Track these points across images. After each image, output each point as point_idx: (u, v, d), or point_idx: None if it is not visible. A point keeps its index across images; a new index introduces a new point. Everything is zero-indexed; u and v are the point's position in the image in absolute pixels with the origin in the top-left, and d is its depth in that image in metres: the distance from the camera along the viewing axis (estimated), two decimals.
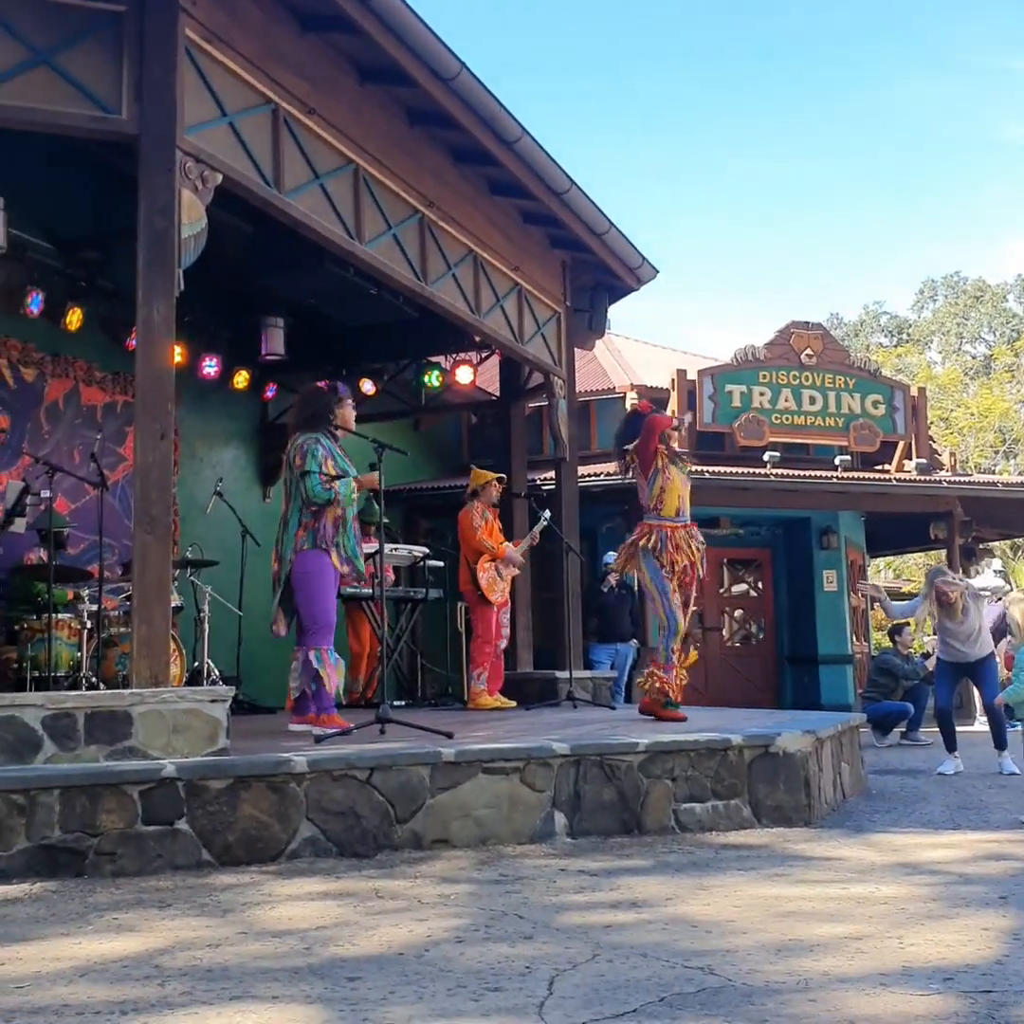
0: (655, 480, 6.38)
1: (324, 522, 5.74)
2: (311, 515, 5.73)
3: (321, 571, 5.74)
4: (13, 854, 3.82)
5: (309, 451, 5.68)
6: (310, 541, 5.73)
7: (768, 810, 4.90)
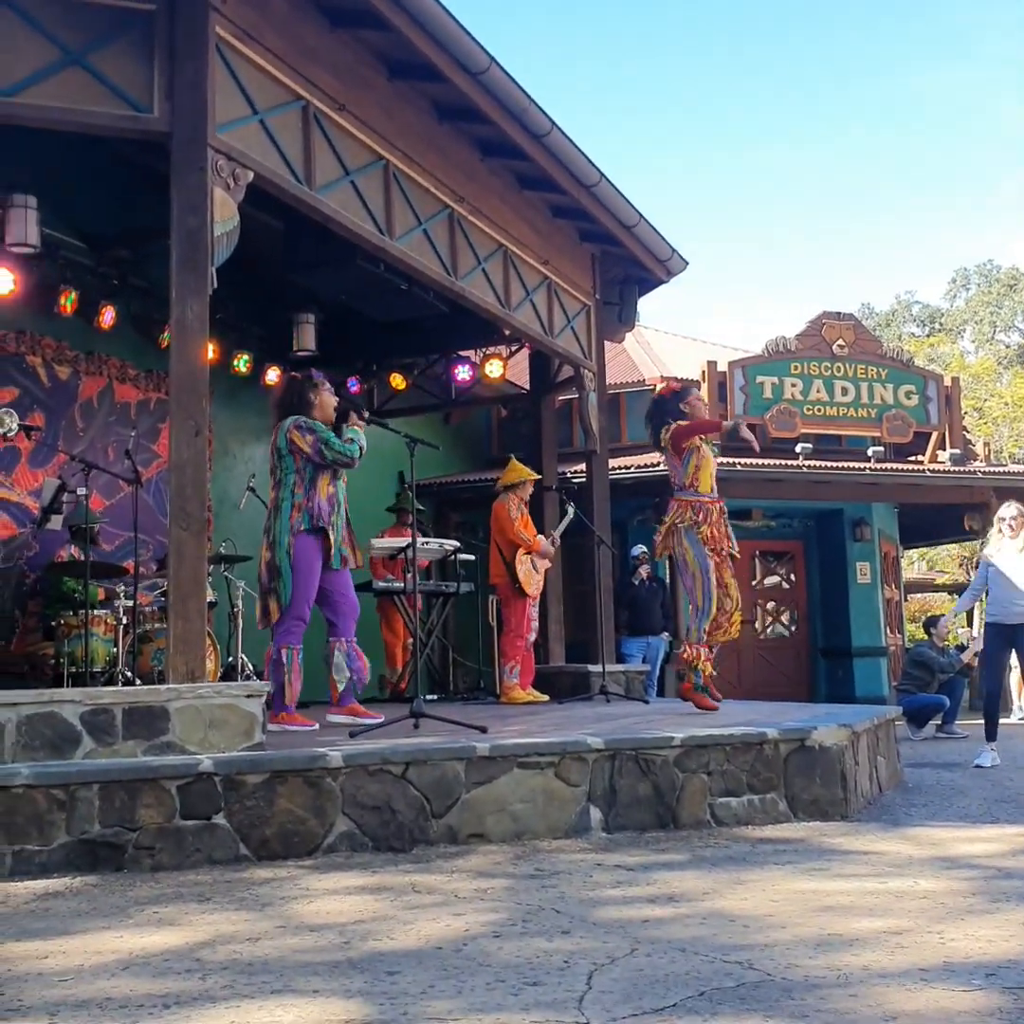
0: (690, 458, 6.36)
1: (318, 500, 5.80)
2: (303, 494, 5.79)
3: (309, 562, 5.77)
4: (54, 848, 3.86)
5: (310, 426, 5.78)
6: (306, 521, 5.78)
7: (804, 804, 4.87)
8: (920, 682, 10.65)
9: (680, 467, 6.39)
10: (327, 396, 5.97)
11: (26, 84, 4.78)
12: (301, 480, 5.82)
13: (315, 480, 5.84)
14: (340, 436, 5.81)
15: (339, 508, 5.90)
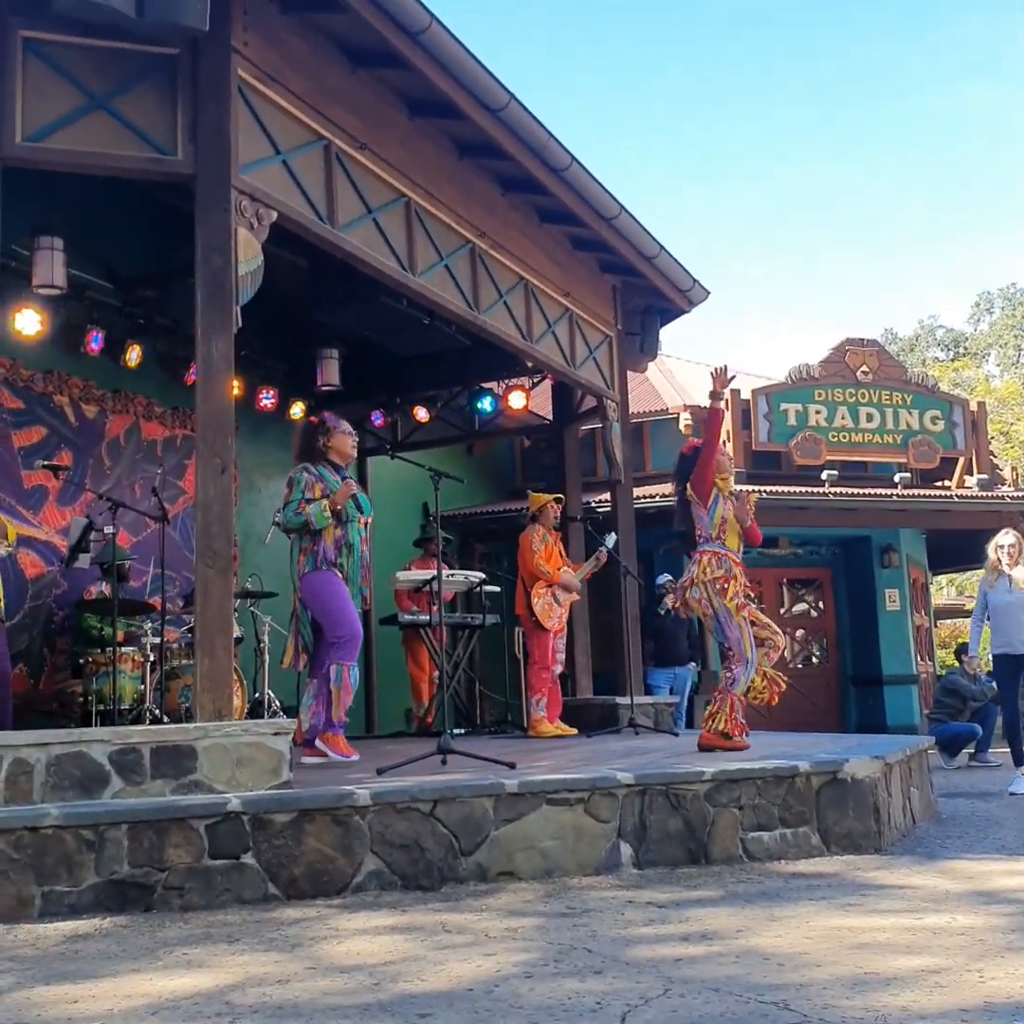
0: (716, 507, 6.20)
1: (323, 544, 5.89)
2: (310, 539, 5.90)
3: (328, 584, 5.84)
4: (83, 889, 3.85)
5: (294, 480, 5.93)
6: (310, 564, 5.88)
7: (837, 837, 4.81)
8: (952, 710, 10.53)
9: (706, 517, 6.20)
10: (340, 438, 6.06)
11: (53, 129, 4.86)
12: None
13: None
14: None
15: (350, 550, 5.95)
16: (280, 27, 5.51)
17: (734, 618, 6.06)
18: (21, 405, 7.85)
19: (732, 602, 6.04)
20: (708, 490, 6.21)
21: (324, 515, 5.83)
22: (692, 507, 6.29)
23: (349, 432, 6.14)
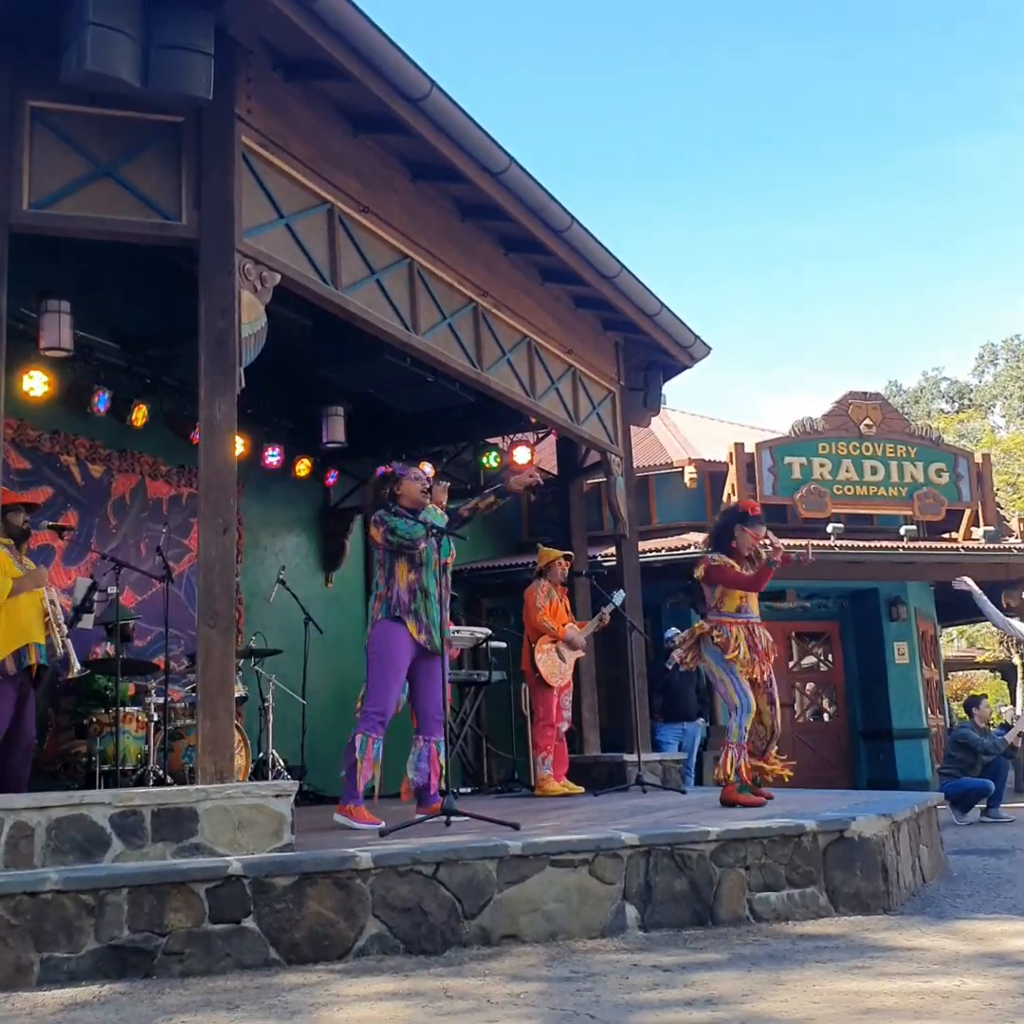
0: (716, 589, 6.44)
1: (396, 590, 5.84)
2: (384, 584, 5.85)
3: (389, 650, 5.76)
4: (83, 955, 3.82)
5: (382, 517, 5.86)
6: (384, 610, 5.83)
7: (845, 897, 4.75)
8: (963, 765, 10.42)
9: (708, 592, 6.49)
10: (408, 484, 5.98)
11: (60, 196, 4.94)
12: (382, 571, 5.92)
13: (393, 569, 5.88)
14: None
15: (426, 594, 5.86)
16: (283, 94, 5.61)
17: (715, 675, 6.35)
18: (28, 465, 7.91)
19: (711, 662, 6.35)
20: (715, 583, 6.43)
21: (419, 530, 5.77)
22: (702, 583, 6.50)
23: (417, 478, 6.06)
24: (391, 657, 5.77)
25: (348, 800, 5.66)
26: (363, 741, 5.64)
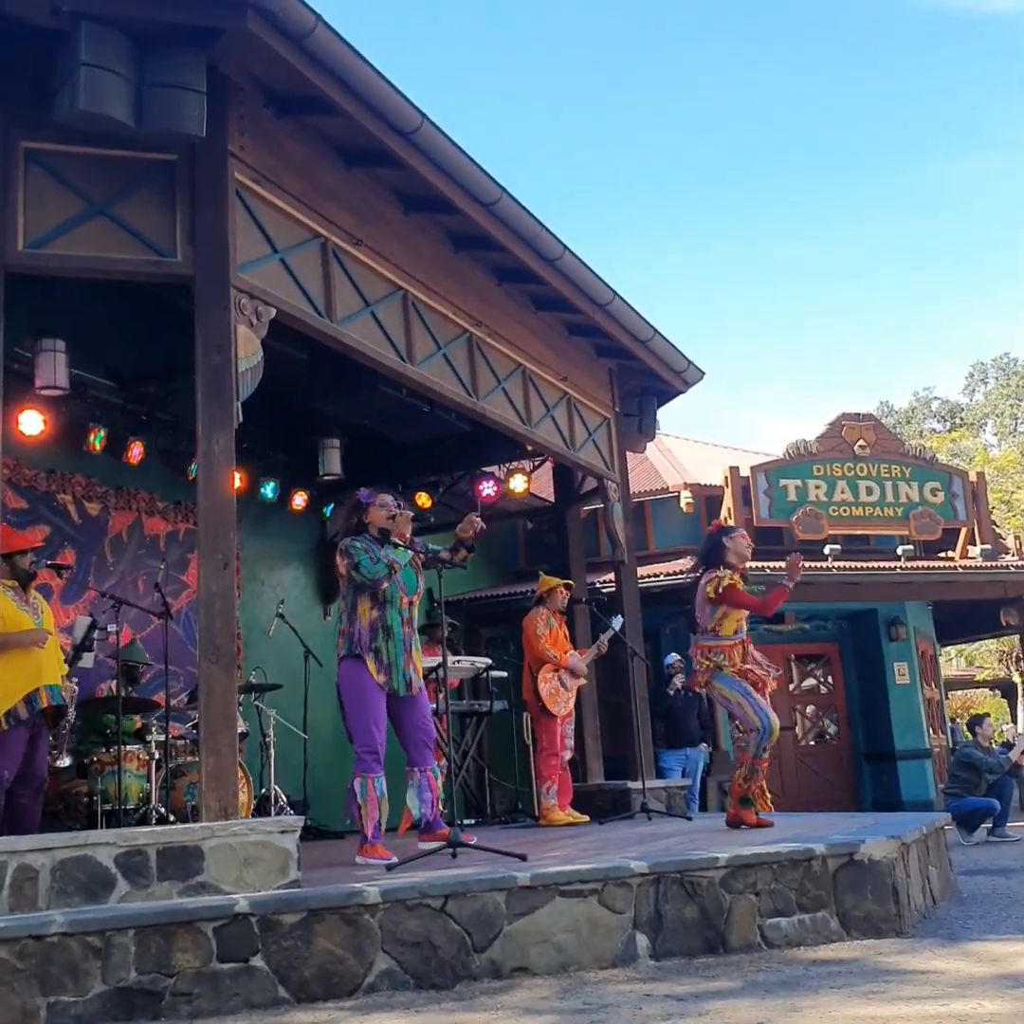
0: (718, 608, 6.36)
1: (358, 627, 5.72)
2: (347, 620, 5.77)
3: (359, 686, 5.65)
4: (90, 999, 3.77)
5: (348, 547, 5.73)
6: (346, 647, 5.74)
7: (857, 921, 4.71)
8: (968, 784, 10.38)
9: (708, 613, 6.38)
10: (374, 511, 5.85)
11: (54, 235, 4.96)
12: (346, 606, 5.83)
13: (355, 605, 5.77)
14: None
15: (388, 633, 5.73)
16: (275, 130, 5.65)
17: (731, 699, 6.25)
18: (25, 505, 7.89)
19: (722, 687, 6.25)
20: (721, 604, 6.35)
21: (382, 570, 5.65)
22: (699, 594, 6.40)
23: (383, 504, 5.89)
24: (362, 694, 5.65)
25: (363, 843, 5.59)
26: (362, 784, 5.55)
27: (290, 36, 4.98)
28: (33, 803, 5.77)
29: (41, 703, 5.69)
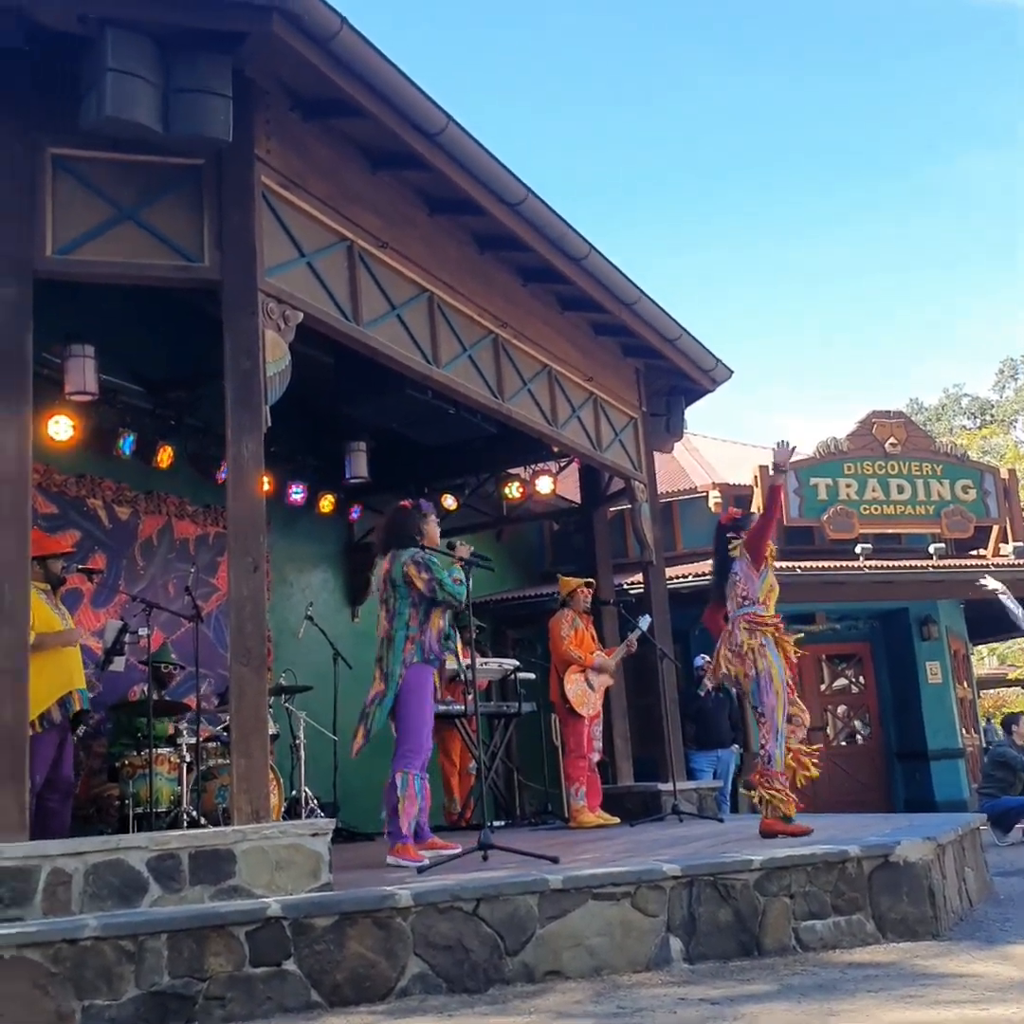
0: (767, 575, 6.22)
1: (429, 635, 5.87)
2: (417, 628, 5.85)
3: (425, 689, 5.83)
4: (123, 1003, 3.78)
5: (428, 562, 5.84)
6: (419, 654, 5.83)
7: (893, 924, 4.67)
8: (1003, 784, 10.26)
9: (757, 580, 6.17)
10: (433, 526, 6.10)
11: (82, 241, 4.97)
12: (416, 613, 5.88)
13: (429, 614, 5.90)
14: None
15: (446, 642, 5.99)
16: (302, 134, 5.65)
17: (774, 683, 6.02)
18: (55, 510, 7.93)
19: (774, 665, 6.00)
20: (763, 556, 6.21)
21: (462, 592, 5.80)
22: (742, 566, 6.23)
23: (438, 522, 6.21)
24: (427, 700, 5.84)
25: (396, 840, 5.61)
26: (403, 779, 5.64)
27: (315, 39, 4.98)
28: (62, 807, 5.80)
29: (74, 706, 5.72)
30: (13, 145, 4.89)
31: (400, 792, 5.61)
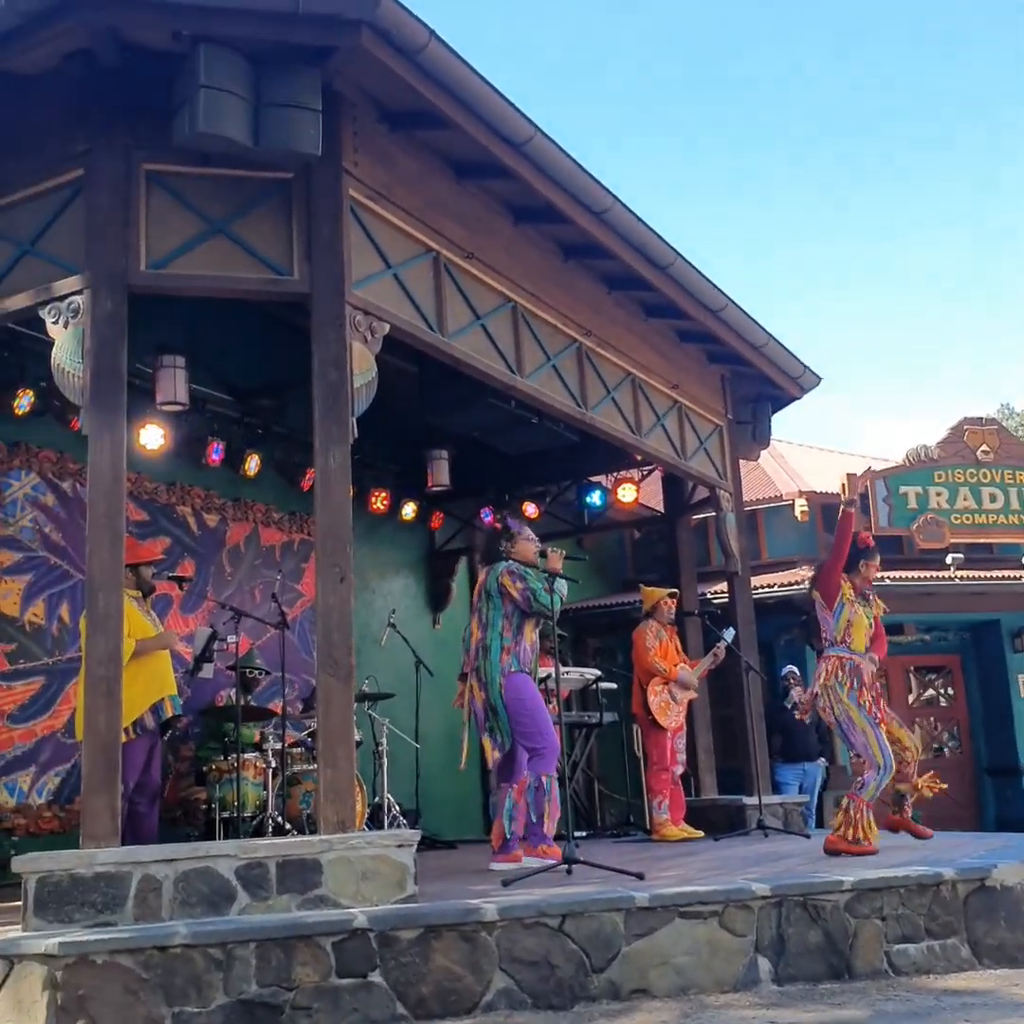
0: (842, 611, 6.16)
1: (524, 646, 6.00)
2: (511, 638, 5.97)
3: (534, 695, 5.97)
4: (212, 1010, 3.81)
5: (521, 573, 5.97)
6: (515, 664, 5.95)
7: (989, 950, 4.54)
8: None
9: (831, 620, 6.18)
10: (523, 544, 6.19)
11: (175, 255, 5.04)
12: (509, 624, 6.02)
13: (522, 626, 6.04)
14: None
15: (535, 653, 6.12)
16: (388, 145, 5.68)
17: (856, 724, 6.00)
18: (146, 517, 8.09)
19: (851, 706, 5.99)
20: (834, 593, 6.16)
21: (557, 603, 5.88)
22: (818, 609, 6.23)
23: (532, 539, 6.27)
24: (539, 702, 5.96)
25: (539, 842, 5.75)
26: (548, 782, 5.76)
27: (404, 52, 4.99)
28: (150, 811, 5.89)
29: (166, 713, 5.81)
30: (108, 161, 4.98)
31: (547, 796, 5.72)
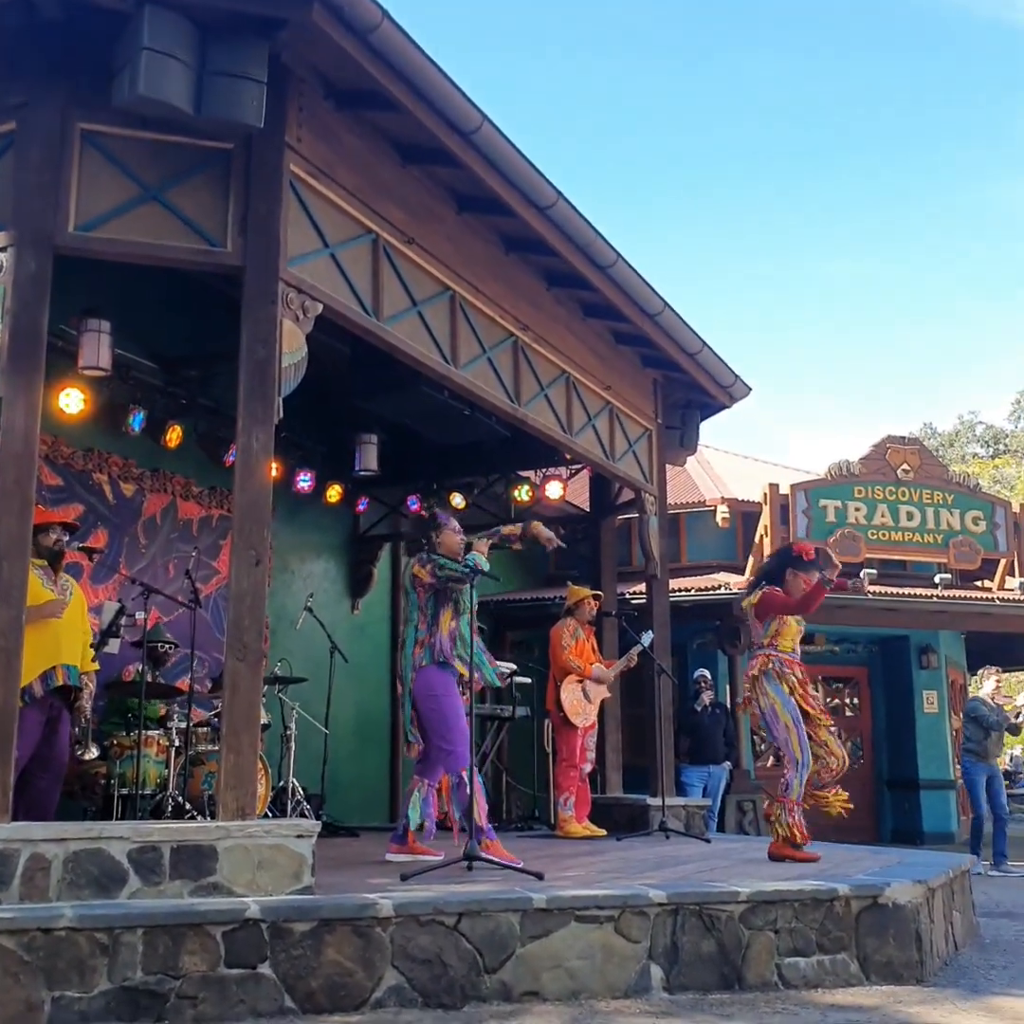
0: (771, 623, 6.28)
1: (439, 637, 5.88)
2: (426, 631, 5.89)
3: (447, 691, 5.85)
4: (95, 996, 3.72)
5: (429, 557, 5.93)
6: (428, 657, 5.86)
7: (877, 966, 4.61)
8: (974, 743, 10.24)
9: (761, 629, 6.34)
10: (449, 535, 6.11)
11: (105, 219, 4.89)
12: (424, 616, 5.96)
13: (437, 616, 5.95)
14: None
15: (464, 642, 5.96)
16: (334, 123, 5.58)
17: (780, 718, 6.09)
18: (60, 482, 7.88)
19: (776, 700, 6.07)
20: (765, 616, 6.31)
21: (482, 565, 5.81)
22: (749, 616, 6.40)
23: (458, 531, 6.19)
24: (452, 699, 5.86)
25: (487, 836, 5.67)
26: (469, 776, 5.64)
27: (355, 30, 4.90)
28: (52, 788, 5.72)
29: (56, 681, 5.62)
30: (43, 117, 4.82)
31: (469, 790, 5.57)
